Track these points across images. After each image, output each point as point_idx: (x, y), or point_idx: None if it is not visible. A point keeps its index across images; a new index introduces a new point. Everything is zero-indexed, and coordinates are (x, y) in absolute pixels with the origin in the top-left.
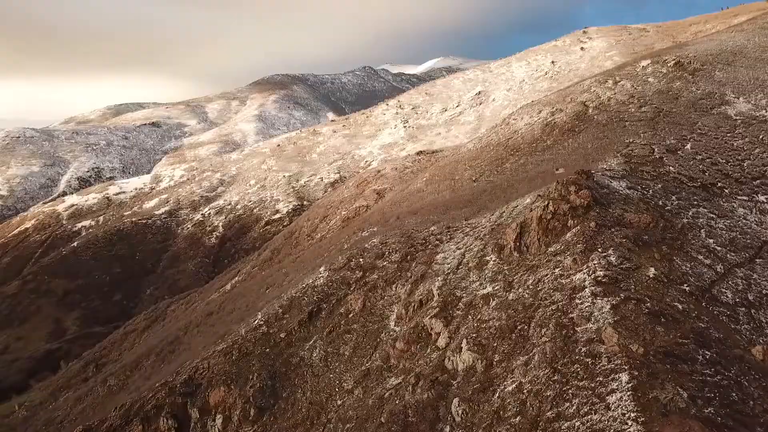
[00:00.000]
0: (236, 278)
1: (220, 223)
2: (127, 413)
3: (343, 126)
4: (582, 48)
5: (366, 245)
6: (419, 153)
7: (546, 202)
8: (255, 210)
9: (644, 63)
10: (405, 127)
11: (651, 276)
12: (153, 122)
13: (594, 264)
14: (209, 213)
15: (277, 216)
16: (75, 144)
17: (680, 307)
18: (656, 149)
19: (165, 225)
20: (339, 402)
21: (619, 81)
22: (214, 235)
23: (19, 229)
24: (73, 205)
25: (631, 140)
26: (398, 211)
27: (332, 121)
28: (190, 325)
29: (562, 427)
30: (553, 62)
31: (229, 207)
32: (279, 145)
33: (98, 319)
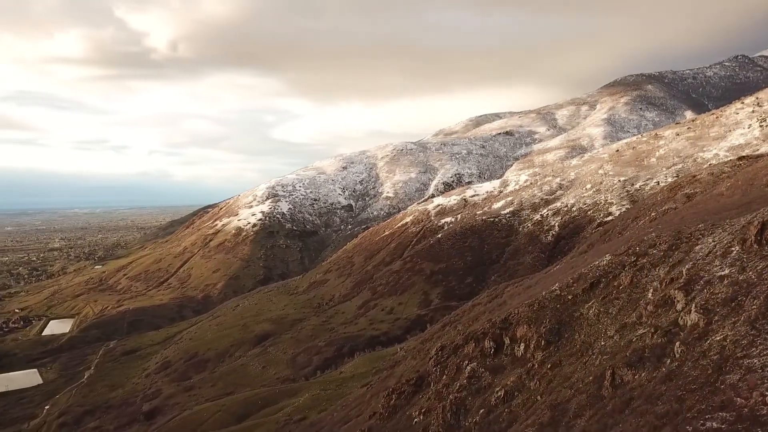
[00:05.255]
0: (557, 266)
1: (556, 223)
2: (466, 337)
3: (688, 128)
4: None
5: (644, 237)
6: (740, 158)
7: None
8: (589, 212)
9: None
10: (761, 126)
11: None
12: (507, 131)
13: None
14: (547, 214)
15: (609, 218)
16: (442, 154)
17: None
18: None
19: (508, 223)
20: (602, 343)
21: None
22: (551, 234)
23: (401, 222)
24: (439, 205)
25: None
26: (687, 212)
27: (676, 123)
28: (514, 294)
29: (745, 362)
30: None
31: (566, 209)
32: (617, 151)
33: (454, 295)
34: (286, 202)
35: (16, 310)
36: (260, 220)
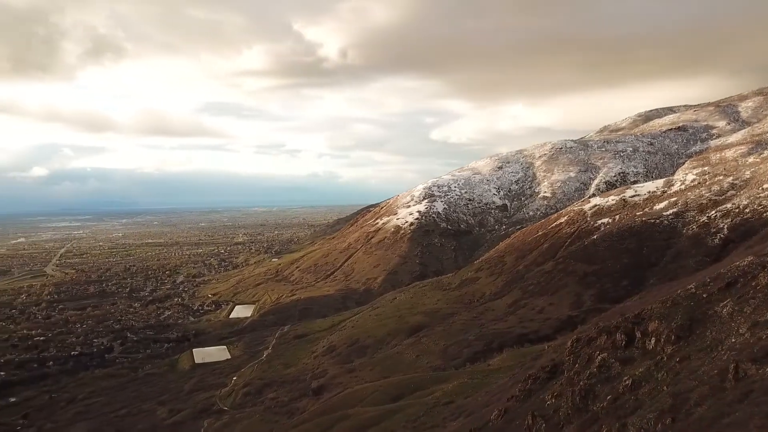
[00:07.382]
0: (711, 267)
1: (725, 226)
2: (599, 330)
3: None
4: None
5: None
6: None
7: None
8: (764, 214)
9: None
10: None
11: None
12: (679, 126)
13: None
14: (715, 216)
15: None
16: (605, 152)
17: None
18: None
19: (671, 225)
20: (733, 340)
21: None
22: (718, 237)
23: (555, 223)
24: (595, 206)
25: None
26: None
27: None
28: (658, 294)
29: None
30: None
31: (737, 210)
32: None
33: (607, 297)
34: (442, 202)
35: (209, 296)
36: (417, 219)
